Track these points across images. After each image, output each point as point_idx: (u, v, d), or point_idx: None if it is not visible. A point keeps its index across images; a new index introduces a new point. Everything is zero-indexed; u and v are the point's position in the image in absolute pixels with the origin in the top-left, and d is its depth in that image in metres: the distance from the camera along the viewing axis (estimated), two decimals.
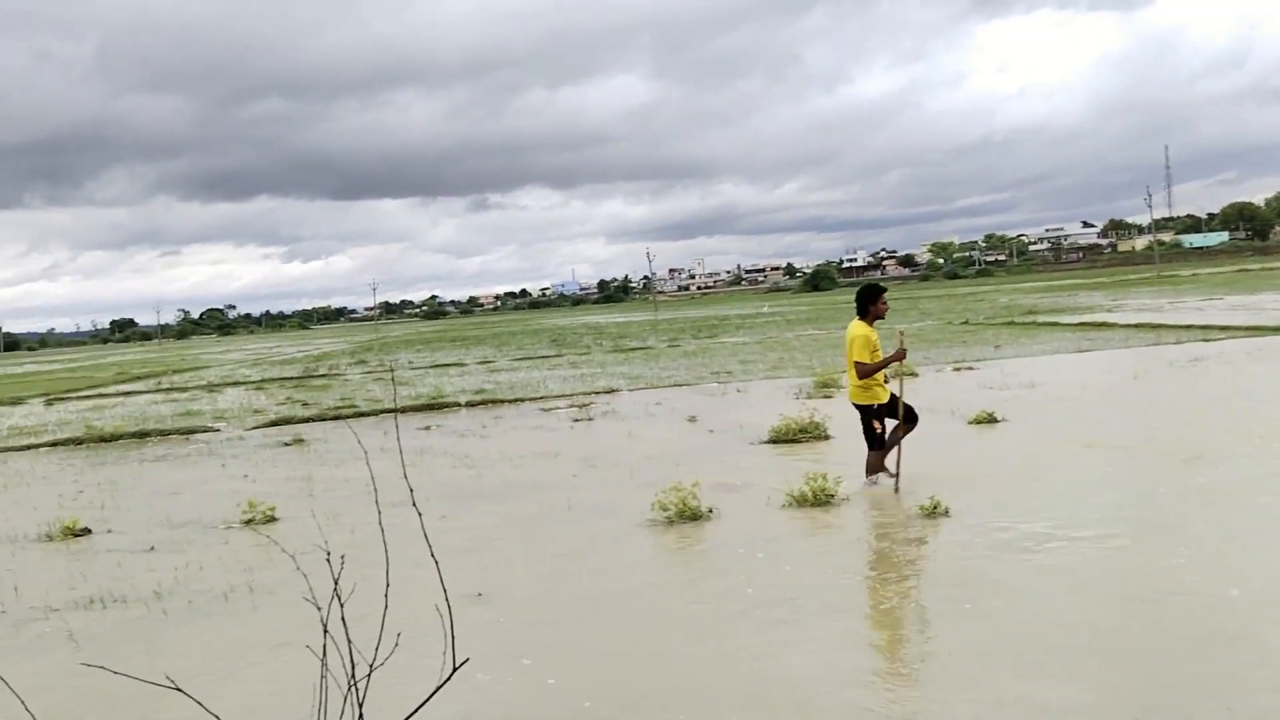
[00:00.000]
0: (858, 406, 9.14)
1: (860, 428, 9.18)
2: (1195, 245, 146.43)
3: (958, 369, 18.53)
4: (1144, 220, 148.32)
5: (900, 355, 8.86)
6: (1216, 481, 8.50)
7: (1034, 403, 13.72)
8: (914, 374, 18.01)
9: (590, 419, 15.63)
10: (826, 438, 11.90)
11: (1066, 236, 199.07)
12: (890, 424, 9.13)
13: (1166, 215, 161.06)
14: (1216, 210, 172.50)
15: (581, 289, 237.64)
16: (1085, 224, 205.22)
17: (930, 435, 11.86)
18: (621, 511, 8.88)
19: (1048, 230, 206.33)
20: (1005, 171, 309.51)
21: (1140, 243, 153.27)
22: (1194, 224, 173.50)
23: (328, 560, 3.04)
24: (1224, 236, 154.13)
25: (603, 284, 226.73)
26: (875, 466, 9.14)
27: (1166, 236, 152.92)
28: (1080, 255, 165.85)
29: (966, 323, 33.86)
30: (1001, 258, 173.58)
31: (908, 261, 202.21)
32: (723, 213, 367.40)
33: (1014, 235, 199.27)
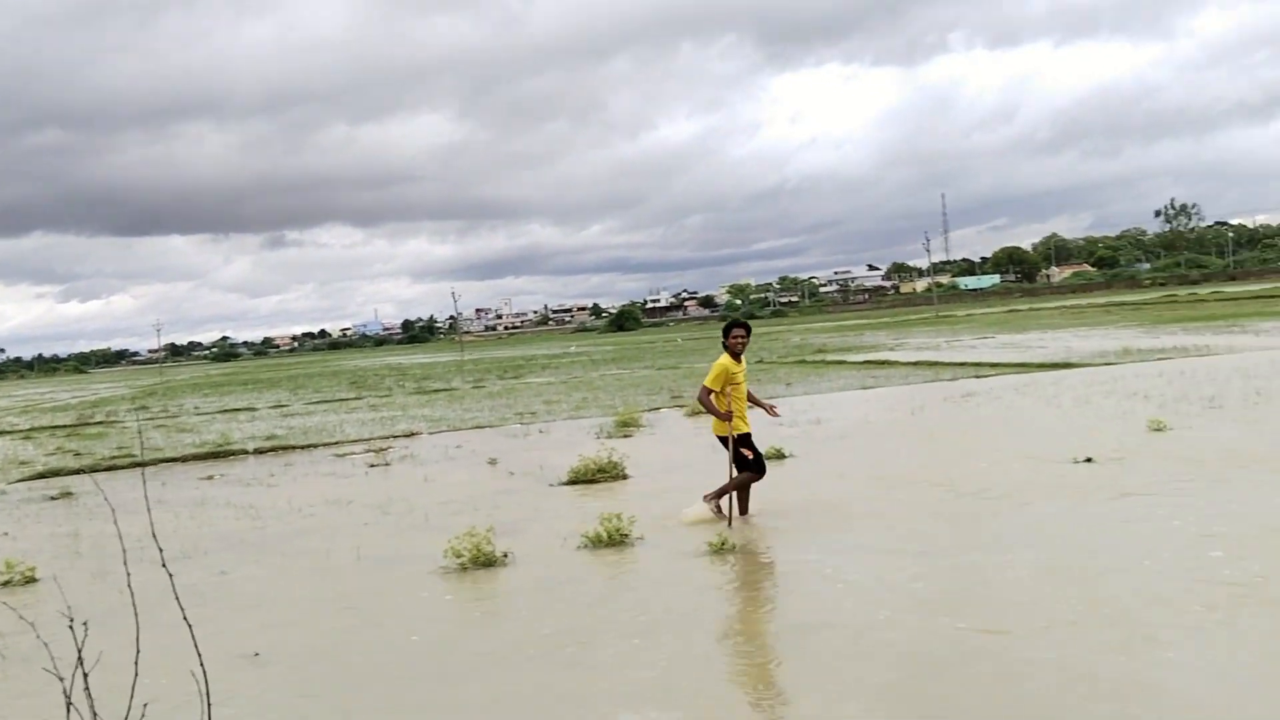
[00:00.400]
0: (720, 438, 9.40)
1: (731, 457, 9.30)
2: (970, 287, 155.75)
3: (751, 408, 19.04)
4: (924, 264, 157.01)
5: (729, 416, 9.14)
6: (983, 509, 9.01)
7: (820, 439, 14.24)
8: None
9: (387, 464, 15.27)
10: (624, 477, 12.00)
11: (854, 279, 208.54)
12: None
13: (944, 259, 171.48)
14: (989, 254, 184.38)
15: (385, 329, 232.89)
16: (871, 267, 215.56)
17: (722, 473, 12.18)
18: (414, 560, 8.68)
19: (836, 273, 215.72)
20: (798, 217, 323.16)
21: (921, 285, 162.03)
22: (969, 267, 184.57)
23: (70, 626, 2.84)
24: (996, 279, 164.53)
25: (407, 324, 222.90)
26: (737, 491, 9.26)
27: (944, 279, 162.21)
28: (867, 296, 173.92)
29: (761, 361, 34.89)
30: (795, 299, 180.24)
31: (708, 302, 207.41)
32: (530, 253, 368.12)
33: (806, 277, 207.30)
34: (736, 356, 9.37)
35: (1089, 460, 10.68)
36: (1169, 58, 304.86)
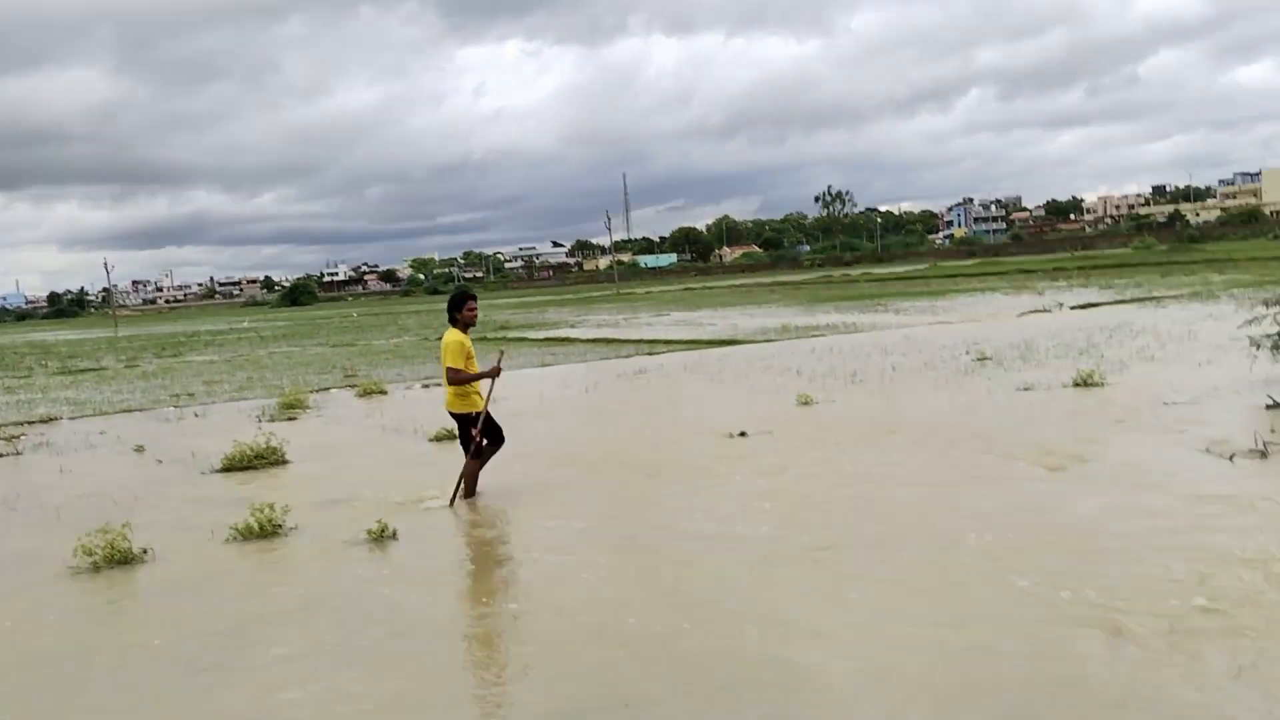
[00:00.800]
0: (454, 415, 9.05)
1: (458, 435, 9.10)
2: (650, 265, 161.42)
3: (426, 385, 18.77)
4: (606, 242, 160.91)
5: (495, 372, 8.94)
6: (650, 485, 9.30)
7: (498, 418, 14.17)
8: (383, 391, 18.00)
9: (18, 453, 13.83)
10: (284, 462, 11.47)
11: (539, 255, 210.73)
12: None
13: (625, 237, 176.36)
14: (668, 234, 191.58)
15: (28, 302, 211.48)
16: (555, 243, 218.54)
17: (392, 455, 11.91)
18: (40, 560, 7.90)
19: (521, 249, 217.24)
20: (483, 191, 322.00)
21: (603, 262, 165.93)
22: (649, 246, 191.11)
23: None
24: (673, 258, 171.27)
25: (54, 297, 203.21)
26: (472, 476, 9.02)
27: (625, 257, 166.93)
28: (551, 273, 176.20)
29: (441, 338, 34.46)
30: (480, 274, 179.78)
31: (389, 276, 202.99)
32: (195, 221, 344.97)
33: (491, 253, 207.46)
34: (465, 330, 9.07)
35: (743, 434, 11.27)
36: (829, 53, 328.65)
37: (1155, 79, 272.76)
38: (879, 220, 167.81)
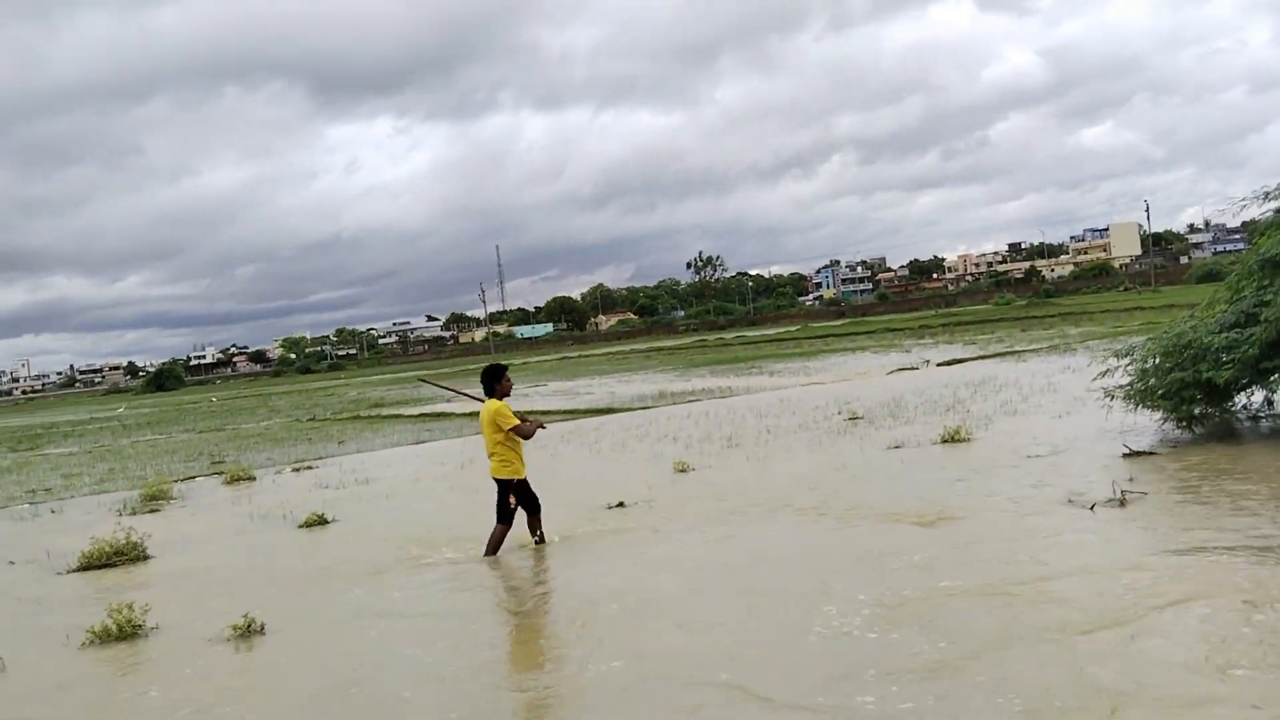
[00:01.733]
0: (499, 481, 9.37)
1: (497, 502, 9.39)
2: (525, 336, 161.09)
3: (297, 469, 18.25)
4: (481, 314, 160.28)
5: (538, 425, 9.47)
6: (516, 565, 9.14)
7: (367, 499, 13.85)
8: (251, 478, 17.40)
9: None
10: (145, 558, 10.94)
11: (413, 330, 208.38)
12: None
13: (500, 309, 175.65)
14: (542, 303, 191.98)
15: None
16: (430, 318, 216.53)
17: (260, 544, 11.48)
18: None
19: (395, 324, 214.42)
20: (355, 268, 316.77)
21: (479, 334, 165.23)
22: (524, 316, 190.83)
23: None
24: (549, 327, 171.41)
25: None
26: (497, 541, 9.38)
27: (501, 328, 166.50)
28: (426, 347, 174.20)
29: (314, 419, 33.69)
30: (353, 351, 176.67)
31: (259, 357, 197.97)
32: (53, 308, 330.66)
33: (365, 329, 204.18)
34: (503, 399, 9.47)
35: (620, 505, 11.21)
36: (695, 124, 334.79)
37: (1005, 142, 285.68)
38: (750, 284, 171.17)
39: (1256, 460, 10.40)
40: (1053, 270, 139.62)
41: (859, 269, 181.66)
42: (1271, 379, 11.57)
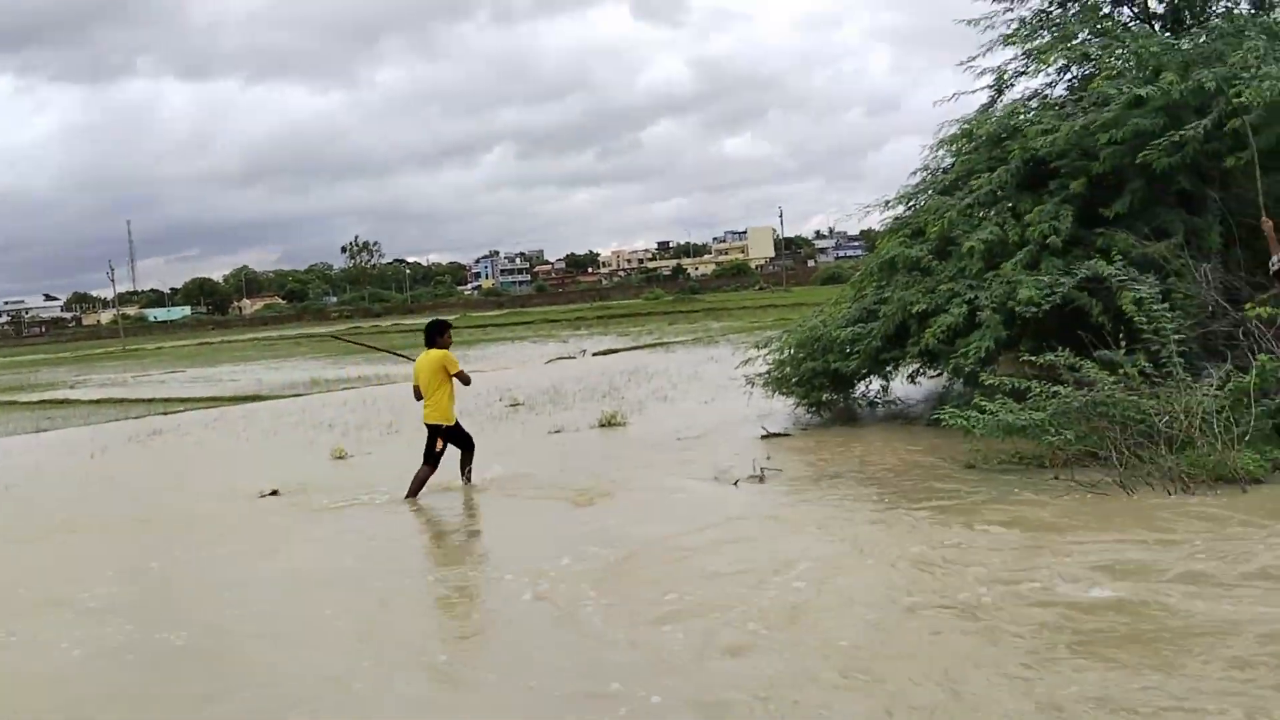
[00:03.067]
0: (430, 427, 10.18)
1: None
2: (160, 319, 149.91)
3: None
4: (109, 294, 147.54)
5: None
6: (168, 552, 8.60)
7: None
8: None
9: None
10: None
11: (29, 310, 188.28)
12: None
13: (131, 289, 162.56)
14: (180, 285, 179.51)
15: None
16: (49, 297, 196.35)
17: None
18: None
19: (8, 303, 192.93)
20: None
21: (106, 316, 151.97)
22: (159, 298, 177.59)
23: None
24: (187, 310, 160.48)
25: None
26: (420, 482, 10.08)
27: (132, 310, 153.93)
28: (44, 329, 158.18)
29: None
30: None
31: None
32: None
33: None
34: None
35: (274, 493, 10.79)
36: (354, 105, 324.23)
37: (657, 145, 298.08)
38: (408, 271, 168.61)
39: (872, 440, 11.53)
40: (697, 269, 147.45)
41: (518, 260, 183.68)
42: (888, 369, 12.89)
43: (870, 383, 13.60)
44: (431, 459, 10.16)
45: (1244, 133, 10.16)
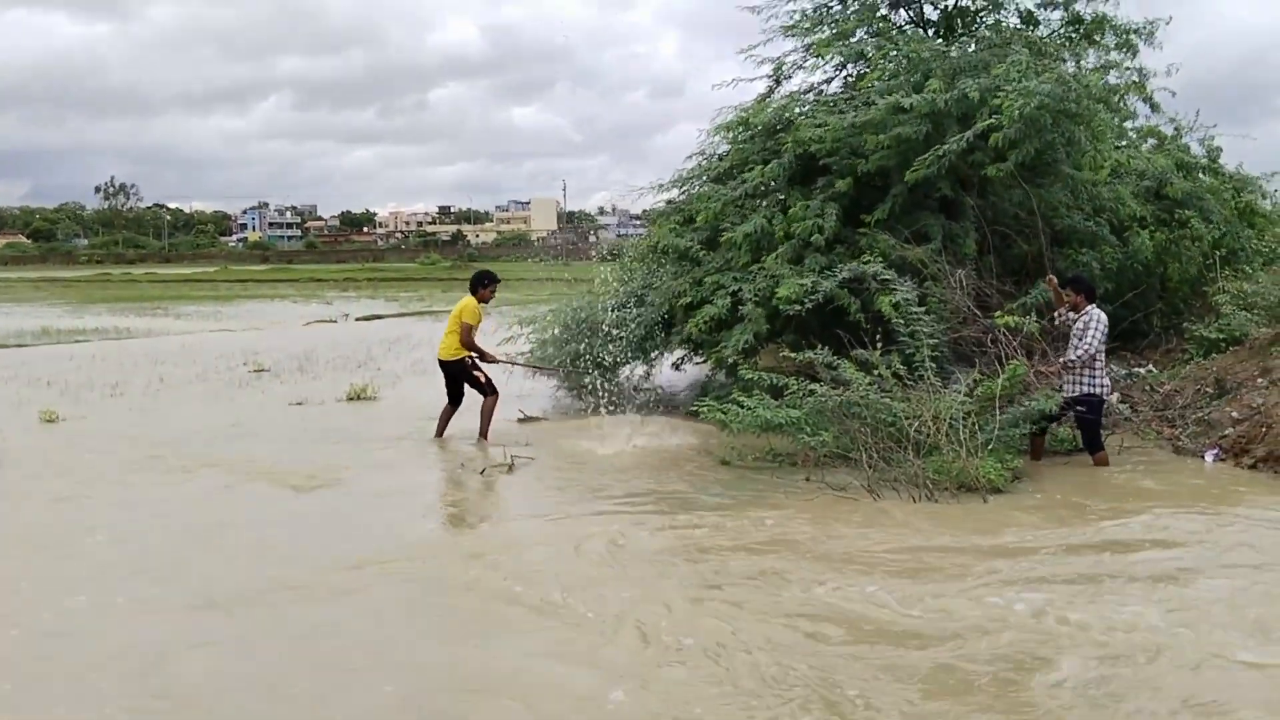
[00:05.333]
0: (444, 363, 10.39)
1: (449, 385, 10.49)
2: None
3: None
4: None
5: (493, 359, 10.79)
6: None
7: None
8: None
9: None
10: None
11: None
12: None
13: None
14: None
15: None
16: None
17: None
18: None
19: None
20: None
21: None
22: None
23: None
24: None
25: None
26: (444, 420, 10.47)
27: None
28: None
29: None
30: None
31: None
32: None
33: None
34: (482, 304, 10.40)
35: None
36: (121, 38, 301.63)
37: (444, 108, 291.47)
38: (168, 217, 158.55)
39: (632, 426, 11.19)
40: (478, 236, 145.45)
41: (289, 214, 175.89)
42: (651, 355, 12.65)
43: (635, 368, 13.34)
44: (485, 389, 10.38)
45: (1003, 146, 10.42)
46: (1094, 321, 8.45)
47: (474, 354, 10.44)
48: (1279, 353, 9.87)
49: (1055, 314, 9.02)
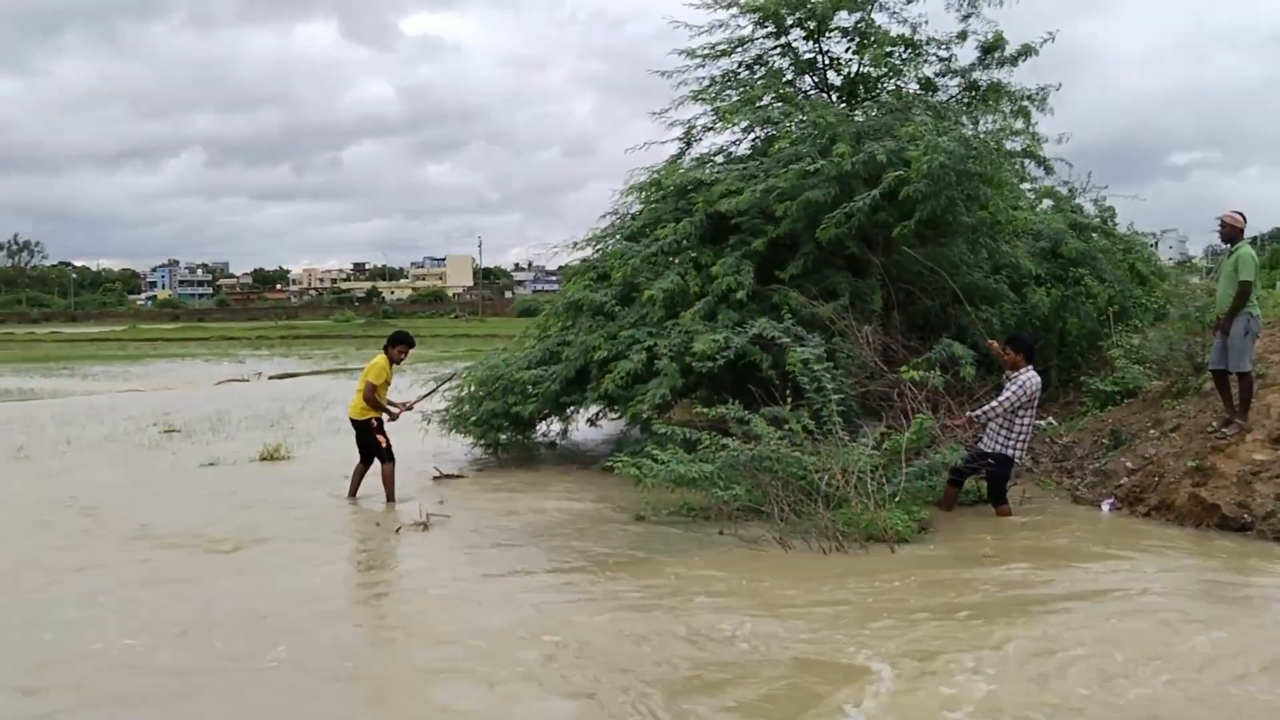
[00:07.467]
0: (355, 422, 10.23)
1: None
2: None
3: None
4: None
5: (406, 406, 10.59)
6: None
7: None
8: None
9: None
10: None
11: None
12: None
13: None
14: None
15: None
16: None
17: None
18: None
19: None
20: None
21: None
22: None
23: None
24: None
25: None
26: (390, 478, 10.16)
27: None
28: None
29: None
30: None
31: None
32: None
33: None
34: (393, 364, 10.29)
35: None
36: (27, 94, 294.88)
37: (359, 165, 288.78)
38: (74, 275, 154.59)
39: (546, 485, 11.21)
40: (393, 293, 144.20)
41: (200, 271, 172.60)
42: (568, 411, 12.71)
43: (551, 423, 13.39)
44: (385, 456, 10.21)
45: (913, 197, 10.85)
46: (1017, 385, 8.67)
47: (380, 415, 10.25)
48: (1170, 405, 10.30)
49: (1005, 374, 9.25)
